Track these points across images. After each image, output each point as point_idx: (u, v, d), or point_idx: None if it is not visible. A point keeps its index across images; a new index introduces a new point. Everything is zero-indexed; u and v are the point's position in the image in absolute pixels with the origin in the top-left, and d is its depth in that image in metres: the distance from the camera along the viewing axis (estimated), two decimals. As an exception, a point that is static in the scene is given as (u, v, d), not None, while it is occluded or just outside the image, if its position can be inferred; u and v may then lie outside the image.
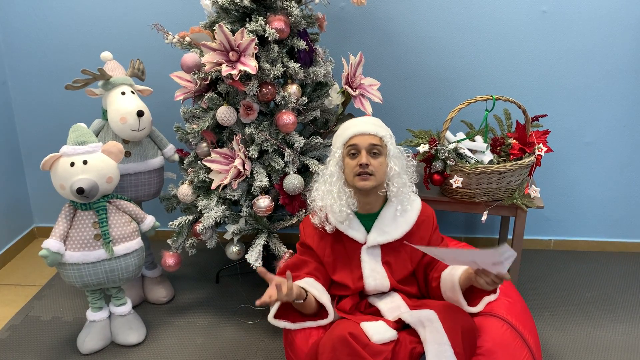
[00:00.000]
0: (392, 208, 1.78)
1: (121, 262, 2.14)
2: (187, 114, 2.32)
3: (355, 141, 1.72)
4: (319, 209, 1.81)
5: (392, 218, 1.78)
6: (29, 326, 2.42)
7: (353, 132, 1.74)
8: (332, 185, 1.76)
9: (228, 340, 2.31)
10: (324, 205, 1.78)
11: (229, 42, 2.03)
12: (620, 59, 2.63)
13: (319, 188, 1.82)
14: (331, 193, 1.76)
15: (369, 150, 1.72)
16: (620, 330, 2.34)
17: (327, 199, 1.77)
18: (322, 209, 1.80)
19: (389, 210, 1.79)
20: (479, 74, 2.72)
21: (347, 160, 1.75)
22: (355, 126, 1.76)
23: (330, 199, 1.76)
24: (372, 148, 1.72)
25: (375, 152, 1.72)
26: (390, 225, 1.78)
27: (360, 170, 1.70)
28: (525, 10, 2.59)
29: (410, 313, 1.67)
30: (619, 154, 2.80)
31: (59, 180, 2.04)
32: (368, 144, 1.72)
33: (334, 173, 1.77)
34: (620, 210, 2.92)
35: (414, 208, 1.82)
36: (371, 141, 1.72)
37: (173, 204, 2.51)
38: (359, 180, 1.71)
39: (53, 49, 2.84)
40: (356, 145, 1.72)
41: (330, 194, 1.76)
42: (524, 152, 2.23)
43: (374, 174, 1.71)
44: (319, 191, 1.81)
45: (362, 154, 1.71)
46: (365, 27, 2.68)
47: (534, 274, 2.77)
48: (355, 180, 1.72)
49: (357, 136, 1.73)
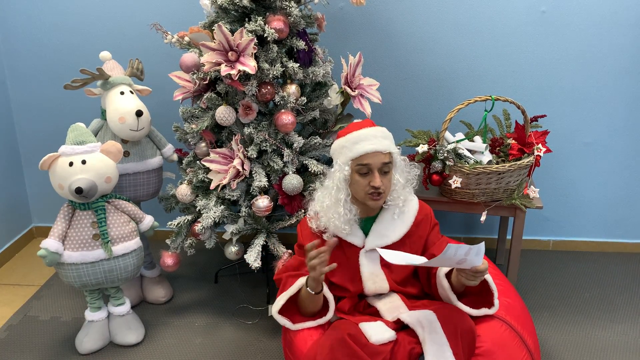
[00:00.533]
0: (390, 211, 1.79)
1: (120, 262, 2.14)
2: (186, 113, 2.32)
3: (368, 161, 1.66)
4: (315, 214, 1.79)
5: (390, 221, 1.78)
6: (27, 326, 2.42)
7: (365, 150, 1.66)
8: (338, 202, 1.71)
9: (227, 340, 2.31)
10: (324, 215, 1.74)
11: (228, 42, 2.03)
12: (620, 59, 2.63)
13: (322, 200, 1.76)
14: (336, 209, 1.71)
15: (380, 169, 1.68)
16: (619, 330, 2.34)
17: (330, 212, 1.73)
18: (318, 215, 1.77)
19: (387, 213, 1.79)
20: (478, 75, 2.72)
21: (357, 177, 1.69)
22: (367, 143, 1.67)
23: (334, 213, 1.72)
24: (384, 167, 1.68)
25: (385, 170, 1.69)
26: (388, 229, 1.78)
27: (373, 190, 1.67)
28: (525, 11, 2.59)
29: (409, 314, 1.67)
30: (618, 154, 2.80)
31: (57, 180, 2.04)
32: (381, 163, 1.67)
33: (340, 189, 1.71)
34: (619, 211, 2.92)
35: (411, 208, 1.82)
36: (383, 160, 1.67)
37: (172, 203, 2.50)
38: (370, 199, 1.69)
39: (52, 48, 2.84)
40: (369, 165, 1.67)
41: (335, 209, 1.71)
42: (523, 152, 2.23)
43: (384, 192, 1.70)
44: (323, 203, 1.75)
45: (375, 175, 1.66)
46: (364, 27, 2.68)
47: (533, 275, 2.77)
48: (366, 199, 1.70)
49: (369, 155, 1.66)
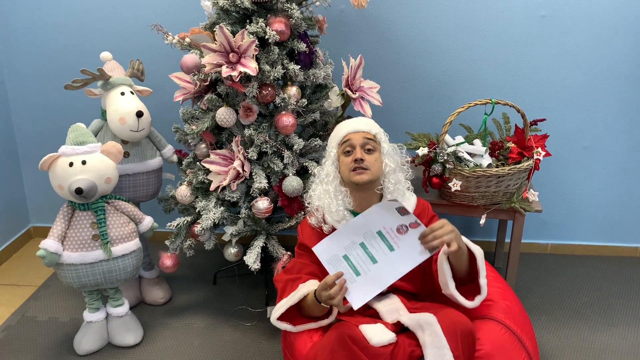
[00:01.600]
0: None
1: (119, 263, 2.14)
2: (187, 115, 2.32)
3: (349, 137, 1.78)
4: (315, 209, 1.83)
5: None
6: (25, 327, 2.41)
7: (347, 130, 1.80)
8: (329, 185, 1.79)
9: (225, 342, 2.31)
10: (321, 205, 1.80)
11: (229, 44, 2.03)
12: (619, 63, 2.64)
13: (316, 189, 1.85)
14: (328, 193, 1.78)
15: (363, 145, 1.77)
16: (617, 334, 2.35)
17: (324, 199, 1.79)
18: (318, 209, 1.82)
19: None
20: (478, 78, 2.72)
21: (343, 158, 1.79)
22: (348, 125, 1.82)
23: (327, 199, 1.78)
24: (366, 143, 1.77)
25: (369, 147, 1.77)
26: None
27: (356, 165, 1.73)
28: (525, 15, 2.60)
29: (409, 316, 1.67)
30: (617, 158, 2.81)
31: (57, 180, 2.03)
32: (362, 138, 1.77)
33: (330, 173, 1.80)
34: (617, 215, 2.93)
35: (409, 205, 1.83)
36: (365, 136, 1.78)
37: (171, 205, 2.50)
38: (354, 175, 1.74)
39: (52, 48, 2.84)
40: (350, 141, 1.78)
41: (327, 193, 1.79)
42: (522, 156, 2.23)
43: (369, 168, 1.74)
44: (316, 191, 1.84)
45: (357, 149, 1.76)
46: (365, 29, 2.69)
47: (532, 278, 2.78)
48: (351, 175, 1.75)
49: (350, 133, 1.79)
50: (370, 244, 1.68)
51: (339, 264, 1.66)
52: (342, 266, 1.64)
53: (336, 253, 1.67)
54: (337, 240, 1.69)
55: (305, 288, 1.72)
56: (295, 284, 1.77)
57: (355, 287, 1.63)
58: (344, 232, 1.70)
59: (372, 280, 1.65)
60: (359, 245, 1.68)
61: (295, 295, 1.72)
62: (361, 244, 1.68)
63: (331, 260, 1.66)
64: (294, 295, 1.73)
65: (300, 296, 1.71)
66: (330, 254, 1.68)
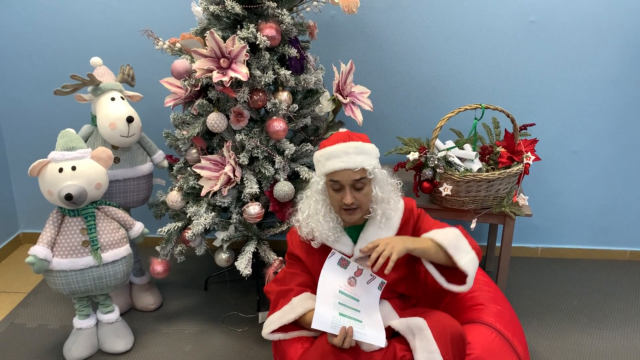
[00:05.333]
0: (376, 219, 1.74)
1: (109, 269, 2.12)
2: (177, 120, 2.31)
3: (338, 178, 1.63)
4: (305, 224, 1.76)
5: (376, 229, 1.74)
6: (14, 334, 2.39)
7: (334, 168, 1.63)
8: (318, 212, 1.71)
9: (216, 348, 2.30)
10: (309, 228, 1.73)
11: (220, 49, 2.03)
12: (607, 68, 2.67)
13: (304, 210, 1.75)
14: (317, 218, 1.71)
15: (352, 185, 1.64)
16: (607, 337, 2.36)
17: (312, 222, 1.72)
18: (303, 225, 1.75)
19: (374, 222, 1.74)
20: (468, 83, 2.74)
21: (331, 192, 1.68)
22: (337, 160, 1.63)
23: (317, 224, 1.71)
24: (356, 183, 1.64)
25: (359, 186, 1.65)
26: (375, 235, 1.74)
27: (346, 206, 1.66)
28: (514, 20, 2.62)
29: (399, 321, 1.67)
30: (605, 162, 2.84)
31: (47, 186, 2.02)
32: (351, 180, 1.63)
33: (319, 200, 1.71)
34: (606, 219, 2.95)
35: (397, 211, 1.77)
36: (354, 177, 1.63)
37: (162, 210, 2.49)
38: (344, 214, 1.68)
39: (42, 53, 2.82)
40: (339, 182, 1.64)
41: (316, 218, 1.71)
42: (512, 160, 2.25)
43: (359, 206, 1.67)
44: (304, 214, 1.75)
45: (346, 191, 1.64)
46: (355, 35, 2.70)
47: (522, 282, 2.79)
48: (341, 214, 1.69)
49: (339, 172, 1.63)
50: (344, 301, 1.68)
51: (341, 321, 1.61)
52: (345, 321, 1.61)
53: (333, 314, 1.62)
54: (325, 303, 1.65)
55: (301, 307, 1.70)
56: (288, 297, 1.75)
57: (368, 330, 1.61)
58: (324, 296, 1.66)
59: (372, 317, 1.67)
60: (340, 305, 1.66)
61: (290, 314, 1.70)
62: (339, 303, 1.66)
63: (333, 323, 1.60)
64: (289, 314, 1.71)
65: (296, 316, 1.69)
66: (328, 319, 1.61)
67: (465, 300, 1.92)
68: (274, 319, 1.74)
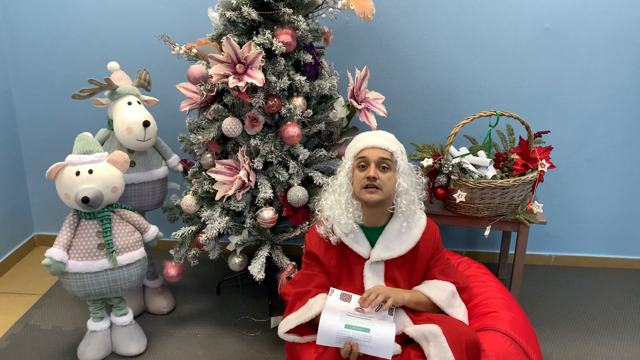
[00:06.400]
0: (397, 224, 1.78)
1: (124, 272, 2.14)
2: (193, 124, 2.33)
3: (366, 153, 1.74)
4: (325, 218, 1.81)
5: (397, 234, 1.78)
6: (28, 335, 2.41)
7: (364, 145, 1.75)
8: (341, 196, 1.77)
9: (229, 352, 2.30)
10: (331, 215, 1.78)
11: (236, 55, 2.05)
12: (622, 76, 2.66)
13: (328, 197, 1.82)
14: (339, 203, 1.77)
15: (378, 163, 1.72)
16: (621, 347, 2.34)
17: (335, 209, 1.77)
18: (328, 218, 1.80)
19: (394, 225, 1.79)
20: (483, 90, 2.74)
21: (357, 172, 1.75)
22: (367, 139, 1.77)
23: (338, 209, 1.76)
24: (382, 162, 1.72)
25: (384, 166, 1.73)
26: (395, 241, 1.78)
27: (368, 182, 1.70)
28: (529, 28, 2.62)
29: (414, 327, 1.67)
30: (620, 170, 2.82)
31: (64, 189, 2.04)
32: (378, 157, 1.72)
33: (343, 183, 1.78)
34: (621, 227, 2.93)
35: (419, 225, 1.81)
36: (381, 155, 1.73)
37: (176, 214, 2.51)
38: (365, 193, 1.71)
39: (58, 58, 2.86)
40: (366, 158, 1.73)
41: (338, 204, 1.77)
42: (526, 167, 2.24)
43: (381, 187, 1.71)
44: (328, 200, 1.82)
45: (371, 166, 1.72)
46: (370, 41, 2.71)
47: (535, 290, 2.77)
48: (362, 193, 1.72)
49: (367, 149, 1.74)
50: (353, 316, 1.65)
51: (346, 334, 1.59)
52: (350, 333, 1.59)
53: (338, 328, 1.60)
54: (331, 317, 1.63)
55: (318, 306, 1.71)
56: (305, 298, 1.76)
57: (374, 342, 1.59)
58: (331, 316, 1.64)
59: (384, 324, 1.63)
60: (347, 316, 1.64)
61: (307, 314, 1.72)
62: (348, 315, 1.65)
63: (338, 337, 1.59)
64: (306, 314, 1.72)
65: (313, 315, 1.70)
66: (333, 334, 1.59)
67: (479, 308, 1.92)
68: (290, 319, 1.75)
